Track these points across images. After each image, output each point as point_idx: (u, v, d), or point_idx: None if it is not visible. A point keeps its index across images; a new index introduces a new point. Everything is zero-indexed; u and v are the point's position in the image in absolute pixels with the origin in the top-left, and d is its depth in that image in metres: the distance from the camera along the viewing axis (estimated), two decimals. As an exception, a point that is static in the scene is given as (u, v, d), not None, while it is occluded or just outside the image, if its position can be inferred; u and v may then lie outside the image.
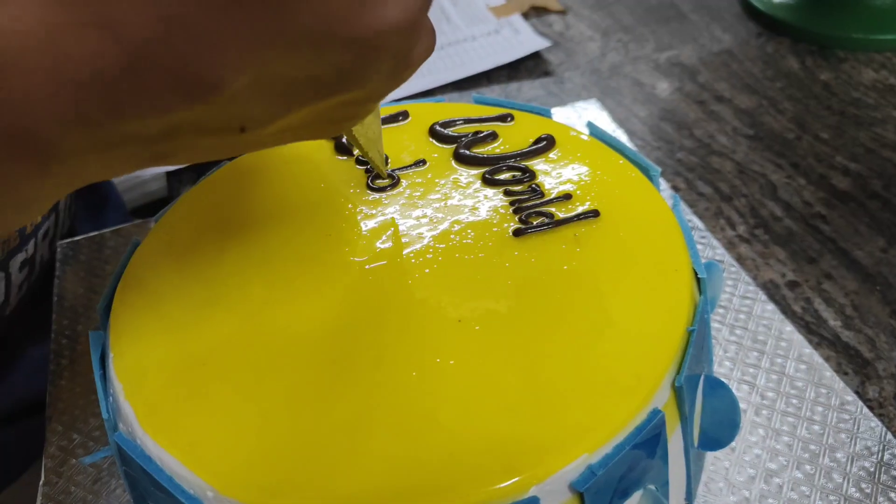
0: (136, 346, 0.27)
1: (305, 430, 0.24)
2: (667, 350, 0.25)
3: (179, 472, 0.23)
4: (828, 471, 0.29)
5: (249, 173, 0.34)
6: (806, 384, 0.32)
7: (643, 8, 0.62)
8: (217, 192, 0.33)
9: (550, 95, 0.52)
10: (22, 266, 0.42)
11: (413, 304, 0.27)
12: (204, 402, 0.25)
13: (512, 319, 0.26)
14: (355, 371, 0.25)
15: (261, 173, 0.34)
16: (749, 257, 0.38)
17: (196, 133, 0.20)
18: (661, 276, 0.27)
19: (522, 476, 0.22)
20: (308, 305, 0.27)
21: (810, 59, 0.53)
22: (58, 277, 0.40)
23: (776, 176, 0.44)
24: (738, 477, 0.29)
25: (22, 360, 0.45)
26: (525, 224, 0.30)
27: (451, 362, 0.25)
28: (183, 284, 0.29)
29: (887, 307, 0.35)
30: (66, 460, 0.32)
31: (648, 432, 0.24)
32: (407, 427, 0.23)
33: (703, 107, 0.50)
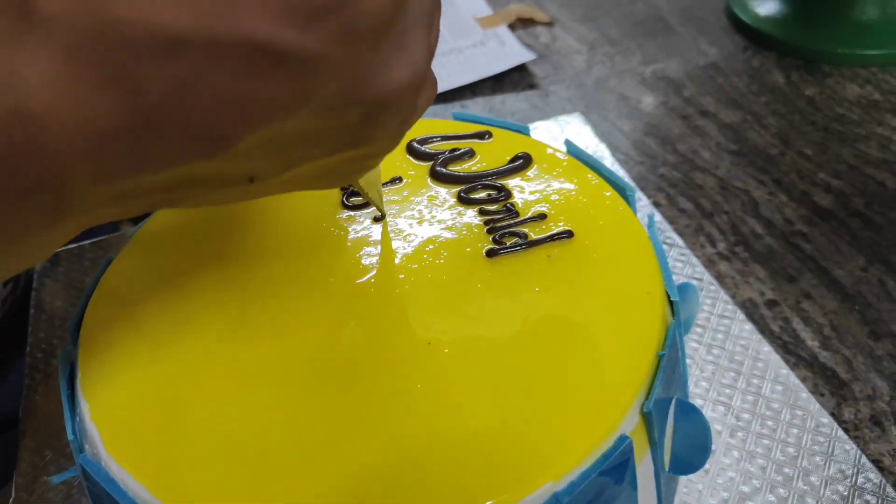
0: (106, 365, 0.26)
1: (274, 455, 0.23)
2: (635, 375, 0.25)
3: (144, 497, 0.23)
4: (801, 494, 0.29)
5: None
6: (782, 406, 0.32)
7: (631, 21, 0.62)
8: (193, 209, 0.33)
9: (534, 109, 0.52)
10: (7, 281, 0.42)
11: (384, 325, 0.27)
12: (172, 424, 0.25)
13: (481, 343, 0.26)
14: (323, 395, 0.25)
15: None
16: (728, 275, 0.38)
17: (207, 183, 0.21)
18: (633, 299, 0.27)
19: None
20: (280, 326, 0.27)
21: (796, 73, 0.53)
22: (35, 290, 0.40)
23: (758, 192, 0.43)
24: (711, 500, 0.29)
25: (6, 372, 0.45)
26: (498, 244, 0.29)
27: (419, 386, 0.25)
28: (157, 302, 0.29)
29: (866, 327, 0.35)
30: (37, 477, 0.32)
31: (615, 459, 0.23)
32: (370, 453, 0.23)
33: (687, 121, 0.50)
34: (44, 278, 0.40)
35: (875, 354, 0.34)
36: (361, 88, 0.19)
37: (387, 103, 0.20)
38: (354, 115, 0.20)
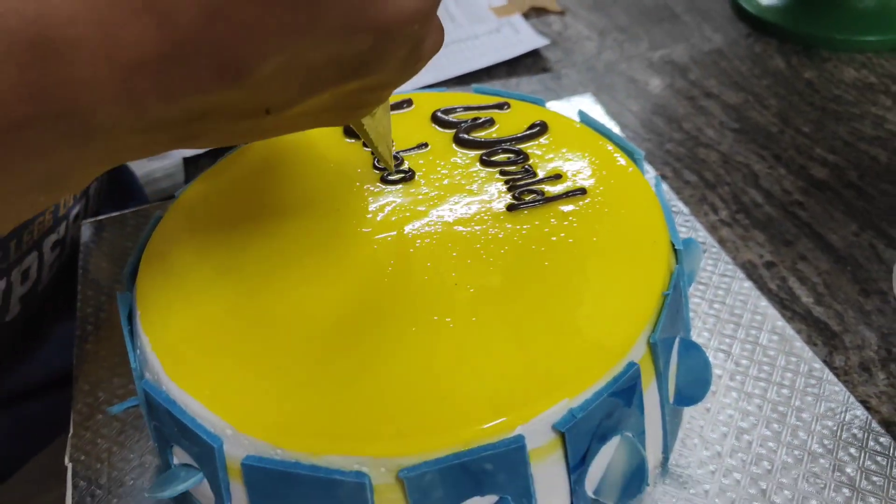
0: (160, 305, 0.29)
1: (314, 376, 0.26)
2: (643, 310, 0.27)
3: (201, 414, 0.26)
4: (794, 429, 0.32)
5: (263, 156, 0.36)
6: (777, 353, 0.35)
7: (638, 9, 0.64)
8: (232, 172, 0.36)
9: (548, 90, 0.55)
10: (54, 246, 0.45)
11: (414, 269, 0.30)
12: (222, 353, 0.27)
13: (503, 283, 0.29)
14: (360, 327, 0.28)
15: (274, 155, 0.36)
16: (730, 240, 0.41)
17: (225, 115, 0.22)
18: (641, 246, 0.30)
19: (509, 417, 0.24)
20: (318, 271, 0.30)
21: (795, 58, 0.56)
22: (82, 252, 0.43)
23: (759, 166, 0.46)
24: (712, 434, 0.32)
25: (51, 335, 0.47)
26: (518, 200, 0.32)
27: (448, 319, 0.28)
28: (202, 253, 0.32)
29: (857, 286, 0.38)
30: (92, 415, 0.34)
31: (625, 382, 0.26)
32: (405, 374, 0.26)
33: (692, 102, 0.52)
34: (90, 243, 0.43)
35: (865, 309, 0.37)
36: (369, 13, 0.20)
37: (393, 30, 0.21)
38: (363, 40, 0.21)
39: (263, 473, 0.25)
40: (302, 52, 0.20)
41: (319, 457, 0.24)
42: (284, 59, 0.20)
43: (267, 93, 0.21)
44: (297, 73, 0.21)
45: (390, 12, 0.21)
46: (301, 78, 0.22)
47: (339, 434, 0.24)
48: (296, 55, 0.20)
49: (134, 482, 0.32)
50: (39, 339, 0.47)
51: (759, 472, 0.30)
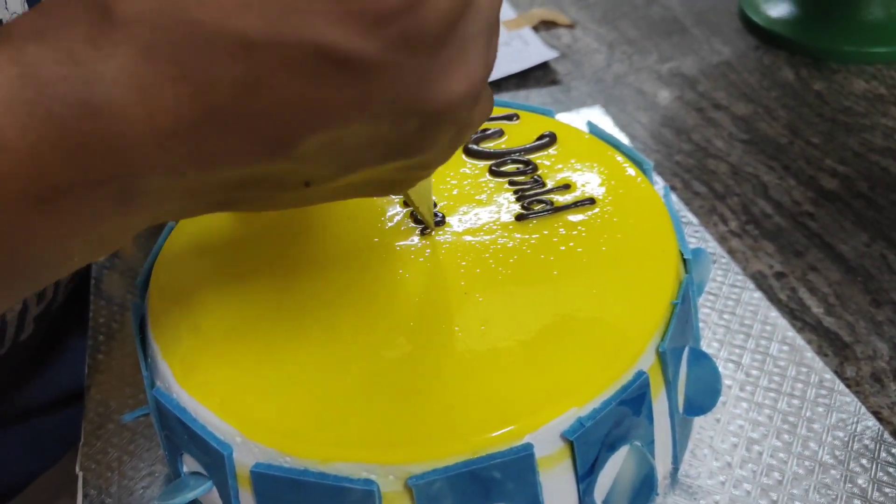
0: (171, 314, 0.30)
1: (323, 384, 0.26)
2: (652, 319, 0.27)
3: (211, 421, 0.26)
4: (804, 440, 0.31)
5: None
6: (788, 363, 0.34)
7: (647, 22, 0.65)
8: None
9: (557, 103, 0.55)
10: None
11: (424, 277, 0.30)
12: (232, 362, 0.28)
13: (512, 291, 0.29)
14: (370, 335, 0.28)
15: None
16: (739, 250, 0.41)
17: (263, 186, 0.22)
18: (650, 256, 0.30)
19: (518, 425, 0.24)
20: (328, 279, 0.30)
21: (805, 70, 0.56)
22: (95, 265, 0.43)
23: (768, 177, 0.46)
24: (722, 445, 0.32)
25: (65, 352, 0.48)
26: (527, 210, 0.32)
27: (456, 328, 0.28)
28: (213, 262, 0.32)
29: (868, 296, 0.38)
30: (103, 424, 0.35)
31: (634, 391, 0.26)
32: (414, 382, 0.26)
33: (701, 114, 0.53)
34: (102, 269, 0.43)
35: (876, 320, 0.37)
36: (419, 97, 0.20)
37: (443, 114, 0.20)
38: (411, 123, 0.20)
39: (272, 481, 0.25)
40: (346, 132, 0.20)
41: (328, 464, 0.24)
42: (327, 138, 0.20)
43: (307, 168, 0.21)
44: (340, 151, 0.21)
45: (440, 97, 0.20)
46: (343, 156, 0.21)
47: (347, 441, 0.24)
48: (339, 134, 0.20)
49: (144, 491, 0.32)
50: (53, 356, 0.47)
51: (769, 483, 0.30)
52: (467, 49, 0.20)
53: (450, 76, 0.20)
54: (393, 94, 0.19)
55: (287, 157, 0.20)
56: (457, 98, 0.20)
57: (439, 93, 0.20)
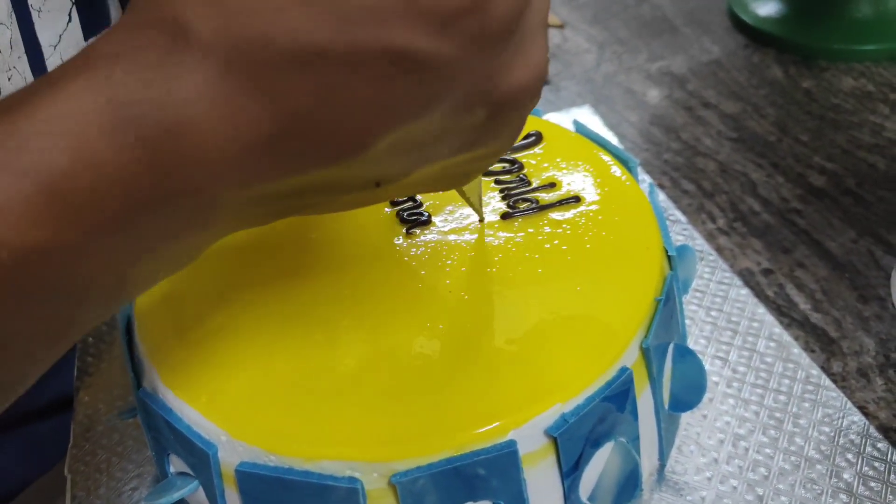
0: (157, 315, 0.30)
1: (307, 383, 0.26)
2: (636, 316, 0.28)
3: (196, 421, 0.26)
4: (791, 435, 0.32)
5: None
6: (775, 360, 0.35)
7: (638, 22, 0.65)
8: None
9: (547, 102, 0.55)
10: None
11: (409, 275, 0.30)
12: (217, 362, 0.28)
13: (497, 289, 0.29)
14: (354, 333, 0.28)
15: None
16: (727, 248, 0.41)
17: (335, 188, 0.22)
18: (634, 253, 0.30)
19: (502, 422, 0.24)
20: (312, 278, 0.30)
21: (794, 68, 0.56)
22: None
23: (756, 175, 0.46)
24: (709, 441, 0.32)
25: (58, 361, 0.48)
26: (512, 208, 0.32)
27: (441, 326, 0.28)
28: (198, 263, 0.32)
29: (855, 292, 0.38)
30: (92, 426, 0.35)
31: (617, 387, 0.26)
32: (398, 380, 0.26)
33: (690, 112, 0.53)
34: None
35: (863, 316, 0.37)
36: (488, 89, 0.20)
37: (510, 103, 0.21)
38: (480, 115, 0.21)
39: (257, 479, 0.25)
40: (417, 129, 0.20)
41: (312, 462, 0.24)
42: (399, 137, 0.20)
43: (379, 168, 0.21)
44: (411, 148, 0.21)
45: (509, 88, 0.21)
46: (415, 153, 0.22)
47: (331, 440, 0.24)
48: (410, 132, 0.20)
49: (132, 492, 0.32)
50: None
51: (755, 479, 0.30)
52: (528, 40, 0.21)
53: (516, 67, 0.21)
54: (464, 90, 0.20)
55: (360, 159, 0.20)
56: (524, 87, 0.21)
57: (508, 84, 0.21)
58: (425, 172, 0.23)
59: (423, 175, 0.23)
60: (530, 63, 0.21)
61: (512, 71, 0.21)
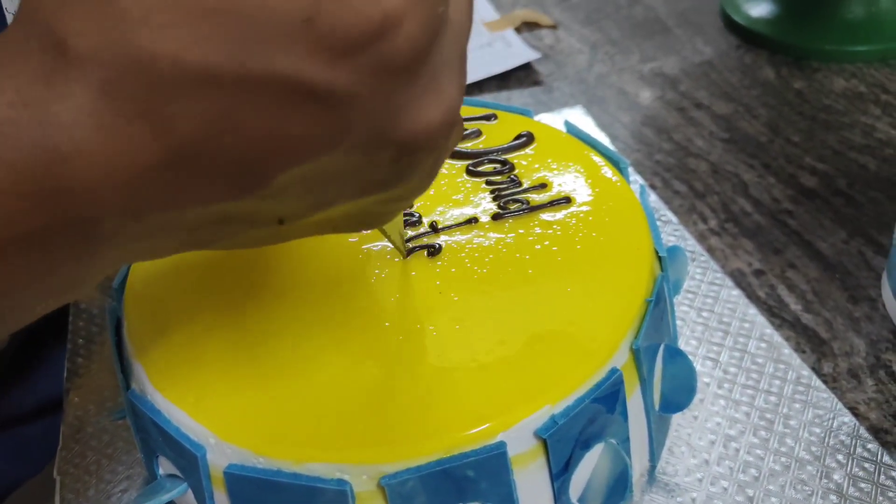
0: (146, 316, 0.30)
1: (296, 384, 0.26)
2: (626, 316, 0.28)
3: (185, 423, 0.26)
4: (781, 436, 0.32)
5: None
6: (766, 361, 0.35)
7: (630, 23, 0.65)
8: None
9: (539, 103, 0.55)
10: None
11: (399, 276, 0.30)
12: (206, 364, 0.28)
13: (487, 290, 0.29)
14: (344, 334, 0.28)
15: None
16: (718, 248, 0.41)
17: (234, 224, 0.21)
18: (624, 254, 0.30)
19: (491, 423, 0.24)
20: (301, 279, 0.30)
21: (786, 69, 0.56)
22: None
23: (748, 175, 0.46)
24: (700, 442, 0.32)
25: (44, 362, 0.47)
26: (503, 209, 0.32)
27: (431, 327, 0.28)
28: (187, 265, 0.32)
29: (846, 293, 0.38)
30: (82, 428, 0.35)
31: (607, 388, 0.26)
32: (388, 382, 0.26)
33: (682, 113, 0.53)
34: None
35: (854, 316, 0.37)
36: (394, 128, 0.19)
37: (419, 143, 0.20)
38: (387, 154, 0.20)
39: (246, 482, 0.25)
40: (319, 167, 0.19)
41: (301, 464, 0.24)
42: (299, 174, 0.19)
43: (280, 205, 0.20)
44: (314, 186, 0.20)
45: (416, 126, 0.19)
46: (318, 191, 0.20)
47: (320, 442, 0.24)
48: (312, 169, 0.19)
49: (122, 494, 0.32)
50: (34, 365, 0.47)
51: (746, 480, 0.30)
52: (441, 75, 0.19)
53: (425, 104, 0.19)
54: (367, 126, 0.18)
55: (258, 194, 0.19)
56: (433, 126, 0.19)
57: (415, 122, 0.19)
58: (332, 212, 0.22)
59: (330, 215, 0.22)
60: (441, 101, 0.19)
61: (420, 109, 0.19)
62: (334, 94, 0.17)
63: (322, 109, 0.17)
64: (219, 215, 0.20)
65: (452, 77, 0.20)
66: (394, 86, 0.18)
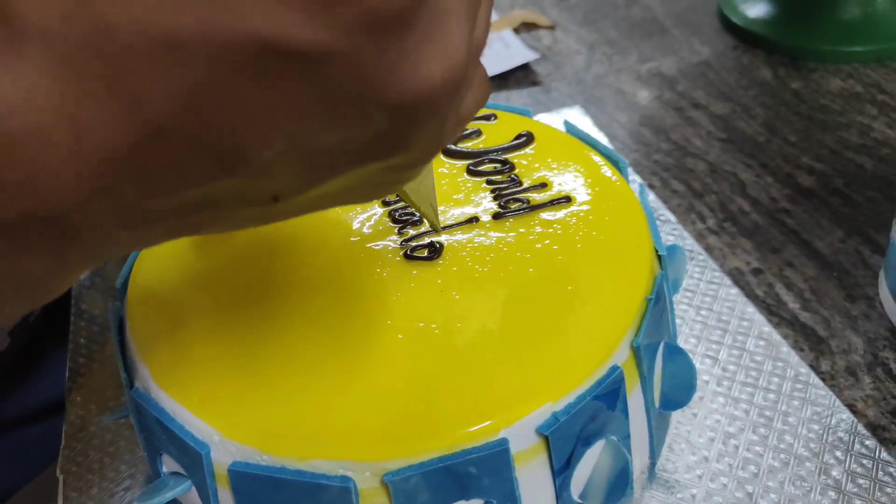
0: (149, 315, 0.30)
1: (300, 382, 0.26)
2: (626, 315, 0.28)
3: (189, 421, 0.26)
4: (780, 433, 0.32)
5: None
6: (764, 358, 0.35)
7: (628, 24, 0.65)
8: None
9: (537, 103, 0.55)
10: None
11: (402, 274, 0.30)
12: (210, 361, 0.28)
13: (488, 288, 0.29)
14: (347, 332, 0.28)
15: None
16: (717, 247, 0.41)
17: (225, 205, 0.19)
18: (624, 252, 0.30)
19: (493, 421, 0.25)
20: (303, 277, 0.30)
21: (783, 69, 0.56)
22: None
23: (746, 175, 0.47)
24: (699, 439, 0.32)
25: (46, 363, 0.47)
26: (504, 209, 0.33)
27: (433, 326, 0.28)
28: (190, 263, 0.32)
29: (843, 291, 0.38)
30: (84, 427, 0.35)
31: (608, 385, 0.26)
32: (391, 379, 0.26)
33: (680, 113, 0.53)
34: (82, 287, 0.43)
35: (851, 315, 0.37)
36: (386, 88, 0.17)
37: (418, 105, 0.17)
38: (382, 119, 0.17)
39: (250, 479, 0.25)
40: (307, 136, 0.17)
41: (305, 461, 0.24)
42: (287, 145, 0.17)
43: (271, 182, 0.18)
44: (305, 158, 0.18)
45: (412, 86, 0.17)
46: (311, 163, 0.18)
47: (324, 438, 0.25)
48: (301, 140, 0.17)
49: (125, 493, 0.32)
50: (34, 368, 0.47)
51: (745, 476, 0.30)
52: (442, 25, 0.17)
53: (423, 59, 0.17)
54: (356, 88, 0.16)
55: (245, 172, 0.17)
56: (433, 85, 0.17)
57: (411, 80, 0.17)
58: (331, 185, 0.20)
59: (331, 188, 0.20)
60: (442, 54, 0.17)
61: (418, 65, 0.17)
62: (315, 54, 0.15)
63: (304, 72, 0.16)
64: (206, 198, 0.18)
65: (459, 24, 0.17)
66: (384, 40, 0.16)
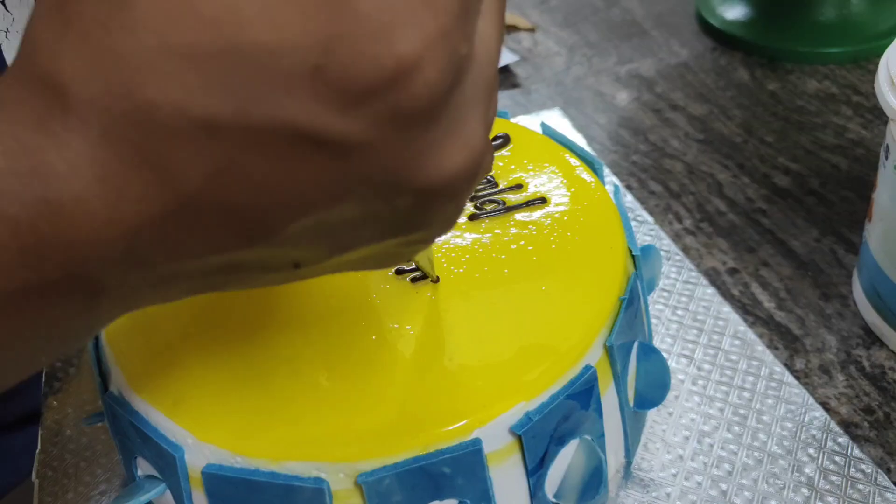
0: (124, 320, 0.29)
1: (273, 384, 0.26)
2: (599, 314, 0.28)
3: (163, 424, 0.26)
4: (754, 431, 0.32)
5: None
6: (739, 357, 0.35)
7: (608, 26, 0.65)
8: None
9: (517, 105, 0.55)
10: None
11: (374, 277, 0.30)
12: (183, 365, 0.28)
13: (463, 289, 0.29)
14: (320, 334, 0.28)
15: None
16: (693, 247, 0.42)
17: (247, 270, 0.20)
18: (598, 253, 0.30)
19: (467, 421, 0.25)
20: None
21: (760, 70, 0.57)
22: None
23: (723, 175, 0.47)
24: (674, 438, 0.32)
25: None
26: (479, 210, 0.33)
27: (407, 327, 0.28)
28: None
29: (817, 290, 0.39)
30: (60, 431, 0.35)
31: (581, 385, 0.27)
32: (364, 381, 0.26)
33: (658, 114, 0.53)
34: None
35: (825, 313, 0.37)
36: (411, 175, 0.18)
37: (440, 190, 0.18)
38: (405, 201, 0.18)
39: (224, 481, 0.25)
40: (333, 214, 0.18)
41: (278, 463, 0.24)
42: (312, 222, 0.18)
43: (294, 252, 0.19)
44: (329, 233, 0.19)
45: (437, 173, 0.18)
46: (333, 238, 0.19)
47: (297, 440, 0.25)
48: (326, 217, 0.18)
49: (101, 497, 0.32)
50: None
51: (720, 475, 0.31)
52: (464, 116, 0.18)
53: (447, 149, 0.18)
54: (382, 174, 0.17)
55: (269, 243, 0.18)
56: (456, 172, 0.18)
57: (436, 168, 0.18)
58: (352, 255, 0.21)
59: (350, 257, 0.21)
60: (464, 144, 0.18)
61: (441, 155, 0.18)
62: (346, 143, 0.16)
63: (333, 159, 0.17)
64: (229, 263, 0.19)
65: (477, 115, 0.18)
66: (411, 133, 0.17)
